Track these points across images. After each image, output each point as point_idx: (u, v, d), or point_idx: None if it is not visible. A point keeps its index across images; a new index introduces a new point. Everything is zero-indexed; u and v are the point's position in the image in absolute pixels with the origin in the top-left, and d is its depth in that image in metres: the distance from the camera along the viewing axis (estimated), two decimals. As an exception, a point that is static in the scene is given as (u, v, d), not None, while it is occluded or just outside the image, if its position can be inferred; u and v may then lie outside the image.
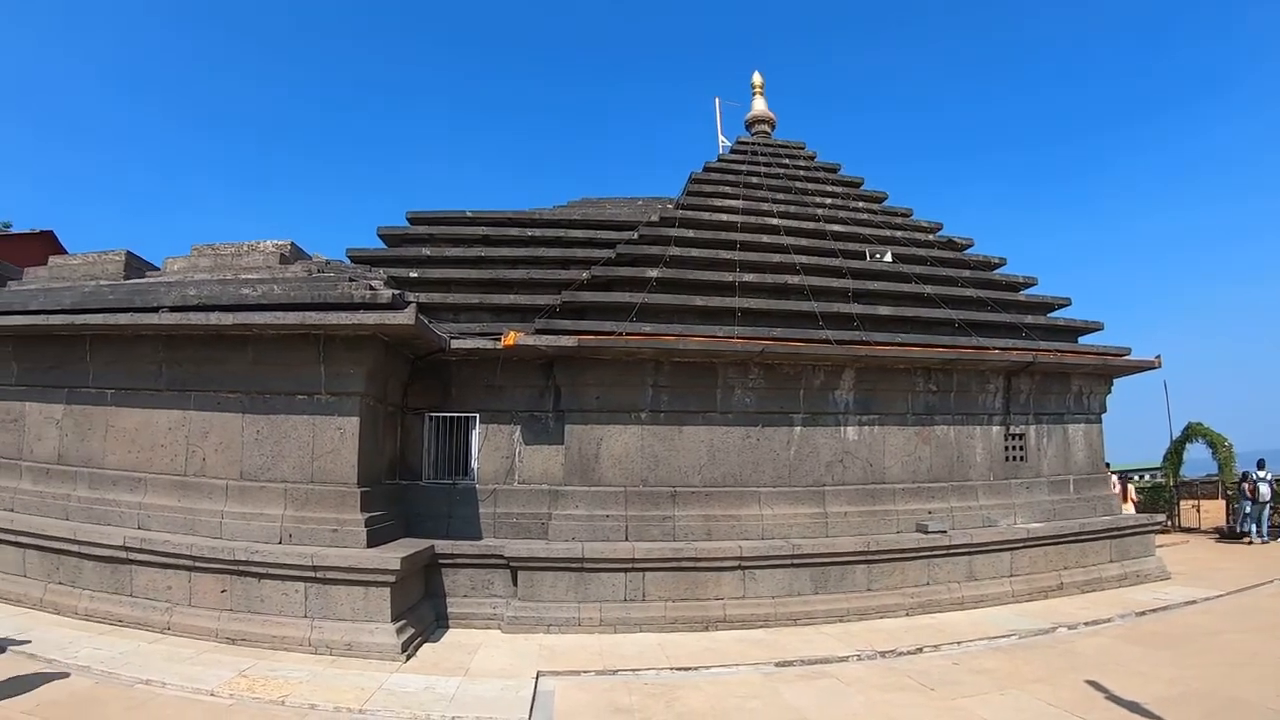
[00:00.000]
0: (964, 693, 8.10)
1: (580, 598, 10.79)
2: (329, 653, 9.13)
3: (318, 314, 9.99)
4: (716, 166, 17.41)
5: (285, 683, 8.06)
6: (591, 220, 15.34)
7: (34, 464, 12.05)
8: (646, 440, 11.96)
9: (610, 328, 11.81)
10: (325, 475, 10.31)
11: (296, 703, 7.54)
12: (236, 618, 9.65)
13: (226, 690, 7.77)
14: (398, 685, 8.12)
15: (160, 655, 8.84)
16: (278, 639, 9.34)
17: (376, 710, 7.42)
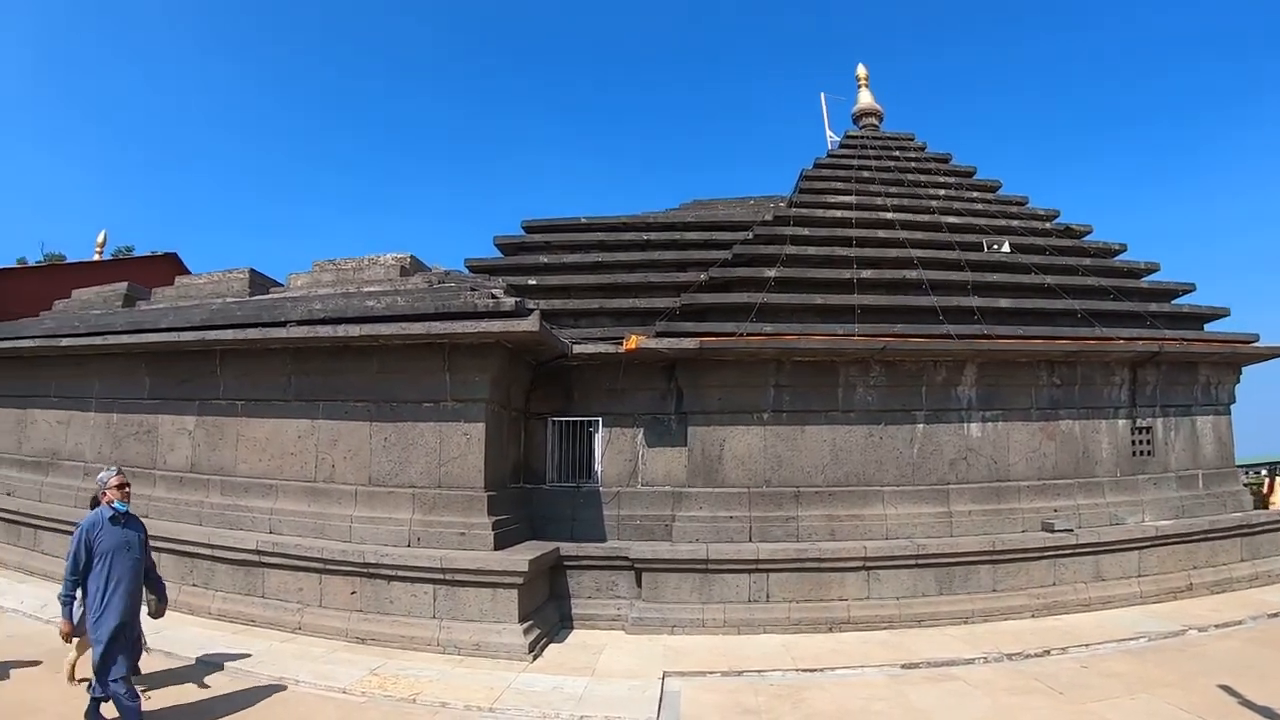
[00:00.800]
0: (1093, 696, 7.81)
1: (704, 599, 10.65)
2: (457, 652, 9.21)
3: (442, 324, 10.06)
4: (827, 162, 17.08)
5: (416, 681, 8.17)
6: (706, 222, 15.14)
7: (167, 473, 12.47)
8: (769, 440, 11.75)
9: (730, 329, 11.62)
10: (452, 480, 10.39)
11: (428, 701, 7.64)
12: (366, 618, 9.81)
13: (359, 688, 7.92)
14: (526, 685, 8.15)
15: (292, 654, 9.05)
16: (406, 639, 9.47)
17: (506, 709, 7.46)
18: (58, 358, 14.14)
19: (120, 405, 13.31)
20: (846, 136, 18.87)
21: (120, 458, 13.15)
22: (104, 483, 6.86)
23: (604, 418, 11.97)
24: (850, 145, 18.19)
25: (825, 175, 16.27)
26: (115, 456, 13.21)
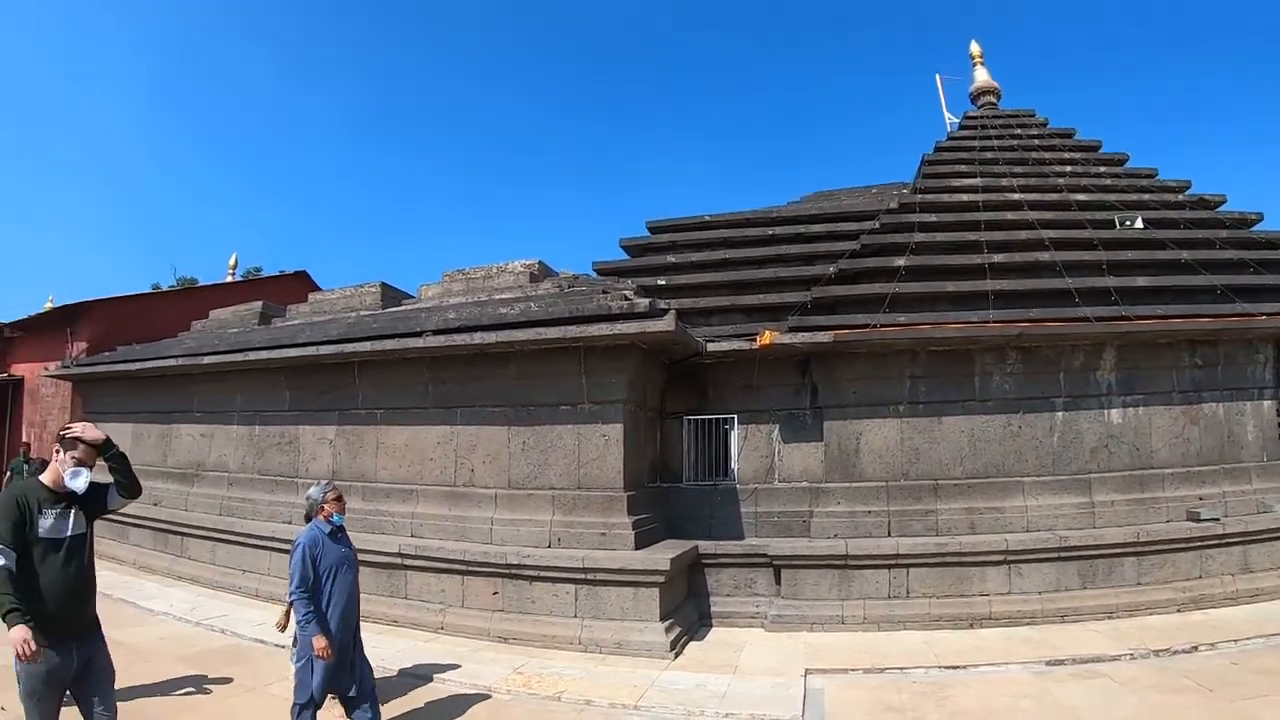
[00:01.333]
0: (1245, 694, 7.35)
1: (843, 595, 10.44)
2: (598, 651, 9.25)
3: (578, 327, 10.11)
4: (948, 145, 16.66)
5: (559, 679, 8.21)
6: (830, 213, 14.89)
7: (310, 481, 12.75)
8: (905, 433, 11.49)
9: (863, 320, 11.38)
10: (591, 481, 10.43)
11: (572, 699, 7.66)
12: (508, 618, 9.93)
13: (504, 686, 8.00)
14: (669, 683, 8.12)
15: (436, 653, 9.20)
16: (548, 638, 9.55)
17: (651, 706, 7.43)
18: (200, 375, 14.75)
19: (262, 418, 13.81)
20: (965, 117, 18.37)
21: (263, 467, 13.67)
22: (318, 498, 6.63)
23: (739, 415, 11.84)
24: (970, 126, 17.71)
25: (947, 158, 15.87)
26: (258, 466, 13.75)
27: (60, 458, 4.70)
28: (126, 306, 21.00)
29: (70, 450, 4.70)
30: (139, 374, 16.25)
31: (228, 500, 13.95)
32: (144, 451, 16.21)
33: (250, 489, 13.74)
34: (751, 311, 12.81)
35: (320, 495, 6.60)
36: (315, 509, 6.59)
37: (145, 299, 22.51)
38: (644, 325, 9.84)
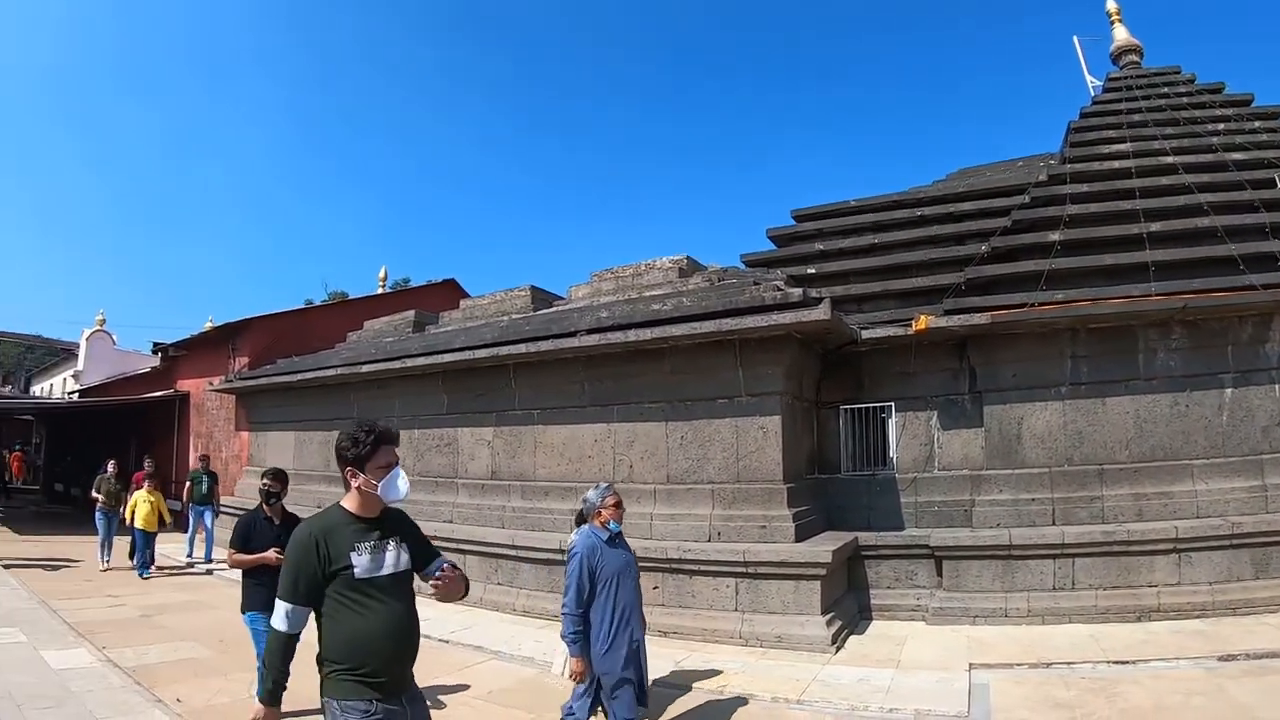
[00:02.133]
0: None
1: (1007, 587, 10.15)
2: (759, 645, 9.22)
3: (732, 320, 10.14)
4: (1093, 110, 15.99)
5: (722, 674, 8.24)
6: (978, 190, 14.49)
7: (469, 481, 13.36)
8: (1068, 415, 11.11)
9: (1020, 299, 11.03)
10: (750, 474, 10.45)
11: (734, 692, 7.68)
12: (668, 612, 10.02)
13: (666, 680, 8.06)
14: (831, 677, 8.05)
15: None
16: (708, 632, 9.60)
17: (814, 701, 7.38)
18: (359, 383, 15.44)
19: (420, 421, 14.36)
20: (1108, 79, 17.56)
21: (423, 469, 14.21)
22: (596, 502, 6.09)
23: (896, 402, 11.67)
24: (1114, 88, 16.93)
25: (1094, 124, 15.21)
26: (418, 468, 14.28)
27: (359, 478, 3.71)
28: (282, 322, 22.12)
29: (370, 459, 3.72)
30: (300, 384, 17.12)
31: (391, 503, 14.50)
32: (306, 457, 17.08)
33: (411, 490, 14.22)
34: (904, 296, 12.62)
35: (598, 499, 6.08)
36: (591, 513, 6.11)
37: (299, 314, 23.70)
38: (799, 315, 9.80)
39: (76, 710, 7.00)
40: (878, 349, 11.56)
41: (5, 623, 10.28)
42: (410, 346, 14.58)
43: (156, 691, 7.63)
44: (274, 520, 7.13)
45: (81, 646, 9.30)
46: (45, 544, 18.22)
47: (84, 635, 9.81)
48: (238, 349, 21.40)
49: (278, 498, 7.27)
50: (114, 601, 12.09)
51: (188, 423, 23.60)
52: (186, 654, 9.24)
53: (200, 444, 22.83)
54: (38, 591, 12.42)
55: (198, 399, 23.17)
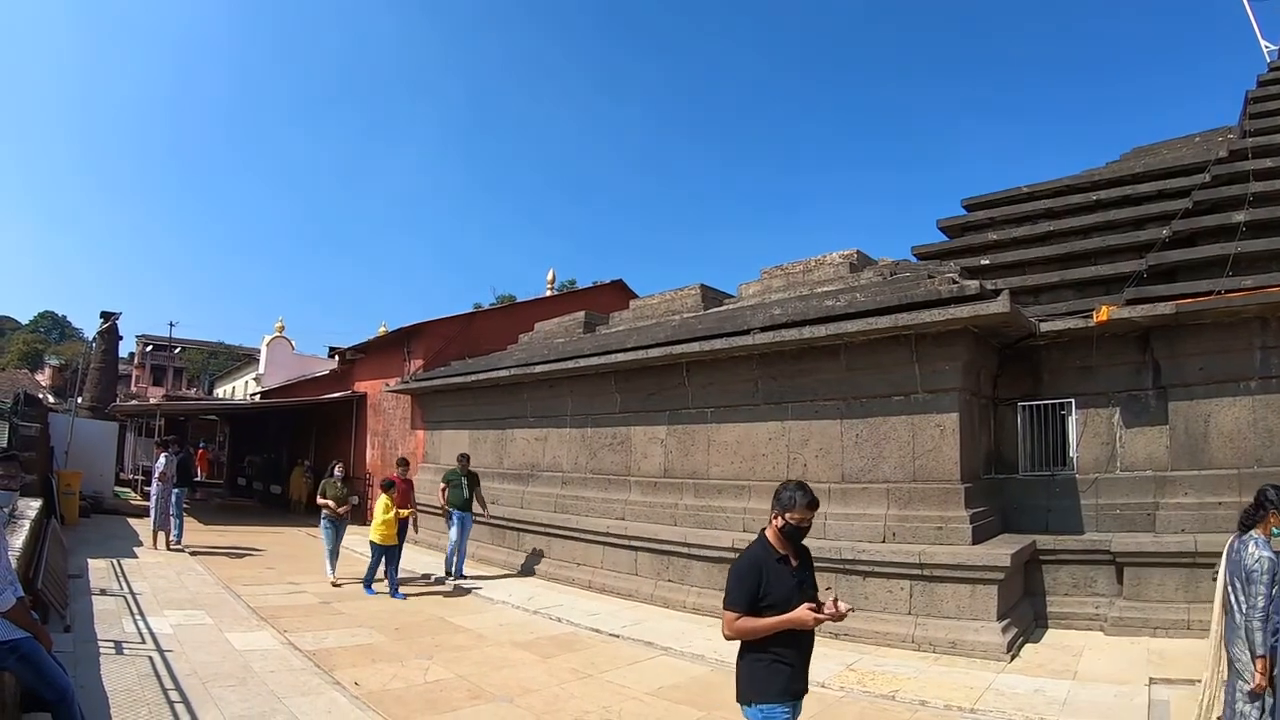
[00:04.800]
0: None
1: (1190, 598, 9.55)
2: (931, 650, 9.10)
3: (908, 314, 10.06)
4: (1271, 77, 14.85)
5: (893, 678, 8.15)
6: (1154, 170, 13.87)
7: (641, 479, 13.73)
8: (1258, 412, 10.34)
9: (1205, 287, 10.47)
10: (926, 473, 10.35)
11: (906, 698, 7.58)
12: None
13: (837, 682, 8.05)
14: (1005, 686, 7.85)
15: None
16: (880, 635, 9.53)
17: (988, 710, 7.20)
18: (532, 383, 16.10)
19: (593, 420, 14.89)
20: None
21: (595, 467, 14.72)
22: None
23: (1075, 399, 11.28)
24: (1294, 52, 16.01)
25: (1274, 92, 14.12)
26: (591, 466, 14.83)
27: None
28: (453, 325, 23.24)
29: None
30: (474, 385, 17.97)
31: (561, 498, 15.14)
32: (481, 455, 17.90)
33: (583, 487, 14.84)
34: (1082, 286, 12.21)
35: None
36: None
37: (469, 318, 24.73)
38: (976, 308, 9.65)
39: (258, 689, 7.46)
40: (1056, 342, 11.19)
41: (191, 605, 11.13)
42: (582, 347, 15.08)
43: (335, 674, 8.16)
44: (790, 560, 4.44)
45: (265, 629, 10.03)
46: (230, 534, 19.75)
47: (266, 619, 10.54)
48: (412, 352, 22.59)
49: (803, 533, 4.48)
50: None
51: (365, 422, 25.06)
52: (364, 639, 9.84)
53: (376, 442, 24.15)
54: (222, 578, 13.45)
55: (374, 399, 24.58)
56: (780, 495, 4.45)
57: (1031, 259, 13.18)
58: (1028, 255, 13.25)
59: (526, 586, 12.76)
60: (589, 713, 7.18)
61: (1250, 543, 5.53)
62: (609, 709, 7.29)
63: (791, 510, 4.33)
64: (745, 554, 4.47)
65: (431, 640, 9.83)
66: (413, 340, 22.73)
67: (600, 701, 7.48)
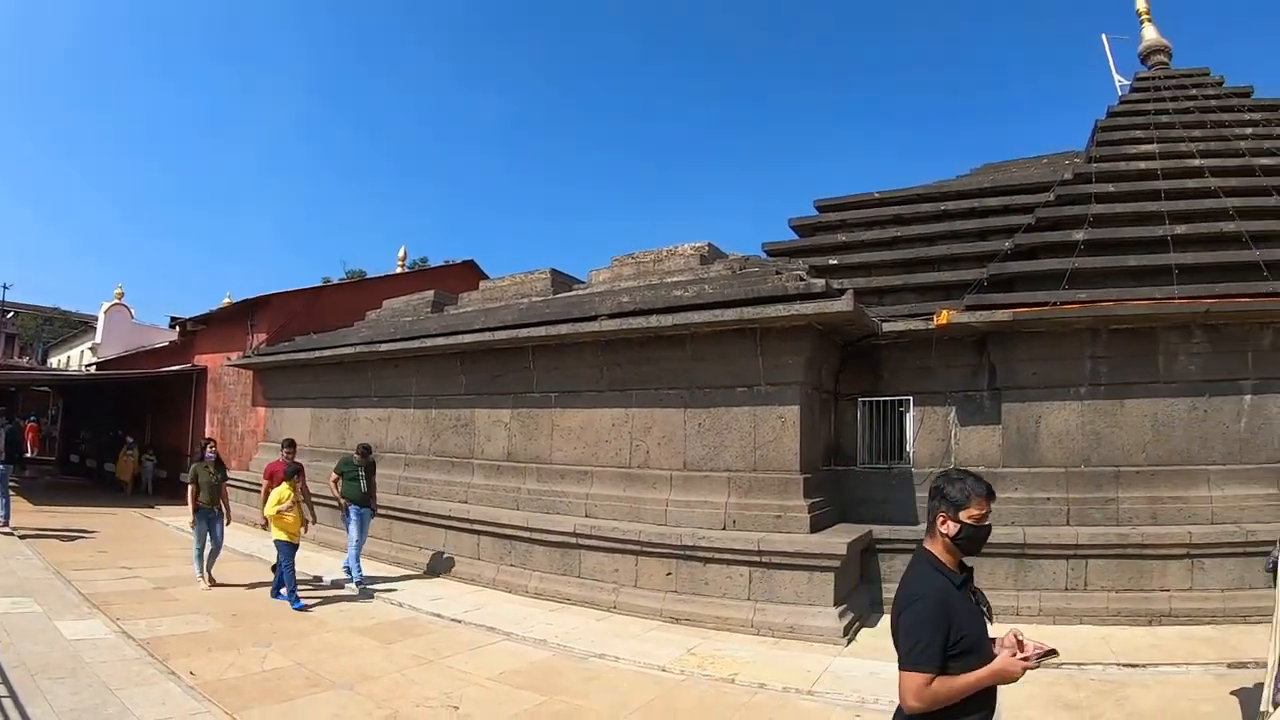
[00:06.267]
0: None
1: (1019, 585, 10.13)
2: (770, 634, 9.24)
3: (754, 308, 10.13)
4: (1120, 110, 15.91)
5: (733, 661, 8.23)
6: (1003, 186, 14.46)
7: (485, 462, 13.44)
8: (1086, 416, 11.05)
9: (1041, 298, 10.99)
10: (767, 463, 10.47)
11: (746, 681, 7.66)
12: (680, 599, 10.09)
13: (677, 667, 8.07)
14: (842, 669, 8.03)
15: (608, 632, 9.45)
16: (720, 620, 9.62)
17: (825, 692, 7.36)
18: (377, 361, 15.53)
19: (438, 402, 14.47)
20: (1136, 79, 17.45)
21: (439, 449, 14.32)
22: None
23: (914, 396, 11.67)
24: (1142, 88, 16.83)
25: (1121, 124, 15.14)
26: (434, 448, 14.42)
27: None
28: (300, 299, 22.23)
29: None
30: (318, 361, 17.21)
31: (404, 480, 14.66)
32: (323, 435, 17.20)
33: (426, 469, 14.41)
34: (925, 290, 12.59)
35: None
36: None
37: (318, 291, 23.76)
38: (821, 306, 9.78)
39: (90, 680, 7.08)
40: (898, 342, 11.53)
41: (19, 592, 10.36)
42: (429, 326, 14.64)
43: (169, 664, 7.71)
44: (970, 583, 3.45)
45: (97, 617, 9.39)
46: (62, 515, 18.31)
47: (98, 607, 9.88)
48: (256, 325, 21.53)
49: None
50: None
51: (204, 397, 23.75)
52: (200, 626, 9.31)
53: (216, 419, 22.99)
54: (52, 562, 12.53)
55: (215, 374, 23.32)
56: (945, 491, 3.25)
57: (878, 262, 13.51)
58: (875, 258, 13.57)
59: (367, 570, 12.20)
60: (430, 699, 7.08)
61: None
62: (450, 695, 7.19)
63: (966, 506, 3.20)
64: (917, 584, 3.21)
65: (269, 627, 9.43)
66: (257, 313, 21.64)
67: (441, 688, 7.38)
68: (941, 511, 3.23)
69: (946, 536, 3.22)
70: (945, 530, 3.22)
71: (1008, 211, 13.61)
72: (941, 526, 3.23)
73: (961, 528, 3.19)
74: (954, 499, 3.21)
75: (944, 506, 3.23)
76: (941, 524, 3.23)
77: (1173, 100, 15.89)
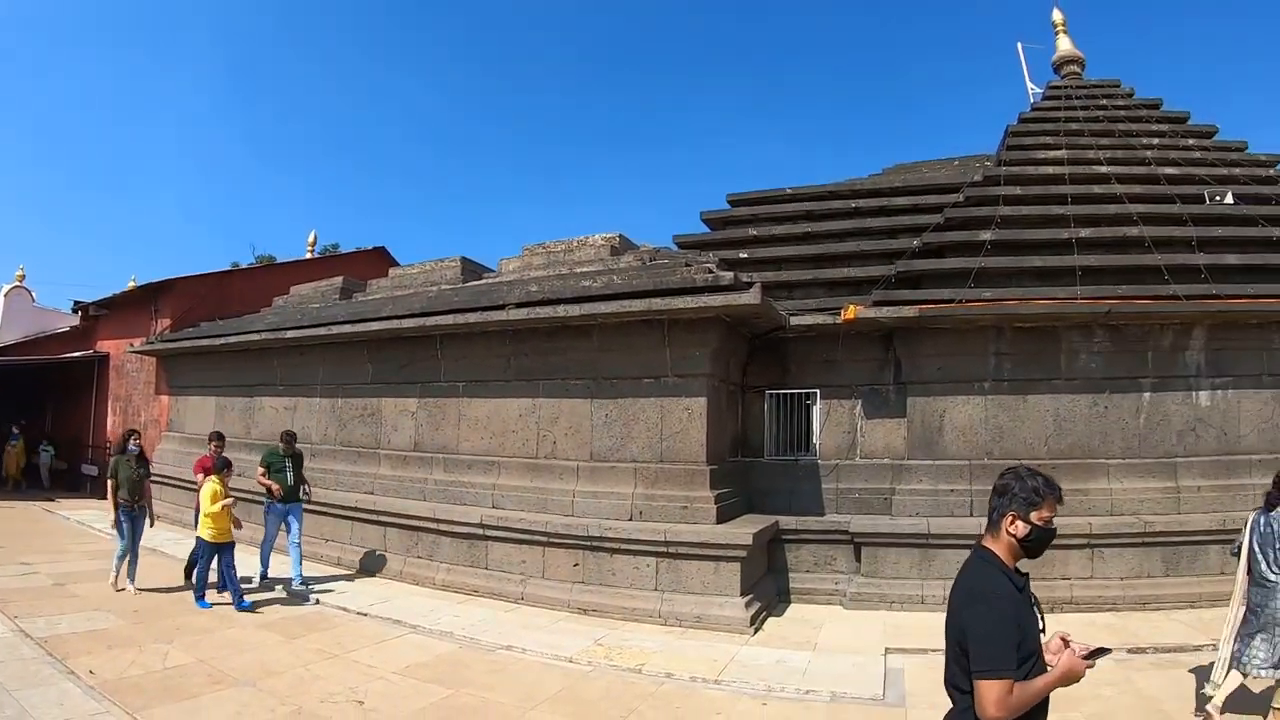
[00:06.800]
0: None
1: (924, 575, 10.32)
2: (678, 625, 9.26)
3: (662, 300, 10.08)
4: (1032, 116, 16.26)
5: (640, 652, 8.23)
6: (913, 186, 14.68)
7: (392, 452, 13.15)
8: (990, 411, 11.26)
9: (948, 295, 11.17)
10: (674, 454, 10.45)
11: (652, 671, 7.66)
12: (588, 590, 10.04)
13: (584, 657, 8.05)
14: (749, 658, 8.11)
15: (516, 623, 9.35)
16: (628, 610, 9.62)
17: (731, 681, 7.41)
18: (283, 349, 15.08)
19: (344, 390, 14.10)
20: (1049, 87, 17.86)
21: (345, 439, 13.96)
22: None
23: (821, 390, 11.75)
24: (1054, 96, 17.23)
25: (1032, 130, 15.48)
26: (341, 438, 14.05)
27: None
28: (207, 284, 21.43)
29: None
30: (223, 348, 16.67)
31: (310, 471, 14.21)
32: (227, 424, 16.62)
33: (332, 460, 14.03)
34: (833, 285, 12.69)
35: None
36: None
37: (225, 276, 22.95)
38: (728, 298, 9.78)
39: None
40: (805, 336, 11.63)
41: None
42: (336, 313, 14.25)
43: (69, 663, 7.41)
44: (1033, 600, 3.47)
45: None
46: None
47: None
48: (160, 310, 20.71)
49: None
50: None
51: (106, 385, 22.79)
52: (101, 624, 8.94)
53: (119, 407, 22.17)
54: None
55: (118, 360, 22.39)
56: (1016, 490, 3.05)
57: (789, 256, 13.61)
58: (785, 253, 13.68)
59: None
60: (334, 694, 6.94)
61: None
62: (355, 690, 7.06)
63: (1039, 507, 3.01)
64: (985, 583, 3.02)
65: (172, 623, 9.09)
66: (162, 297, 20.81)
67: (346, 682, 7.25)
68: (1012, 511, 3.03)
69: (1014, 538, 3.04)
70: (1013, 531, 3.03)
71: (917, 211, 13.82)
72: (1009, 526, 3.04)
73: (1032, 530, 3.02)
74: (1026, 499, 3.02)
75: (1014, 506, 3.03)
76: (1010, 524, 3.03)
77: (1083, 109, 16.28)
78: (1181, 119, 16.33)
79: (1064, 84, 17.84)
